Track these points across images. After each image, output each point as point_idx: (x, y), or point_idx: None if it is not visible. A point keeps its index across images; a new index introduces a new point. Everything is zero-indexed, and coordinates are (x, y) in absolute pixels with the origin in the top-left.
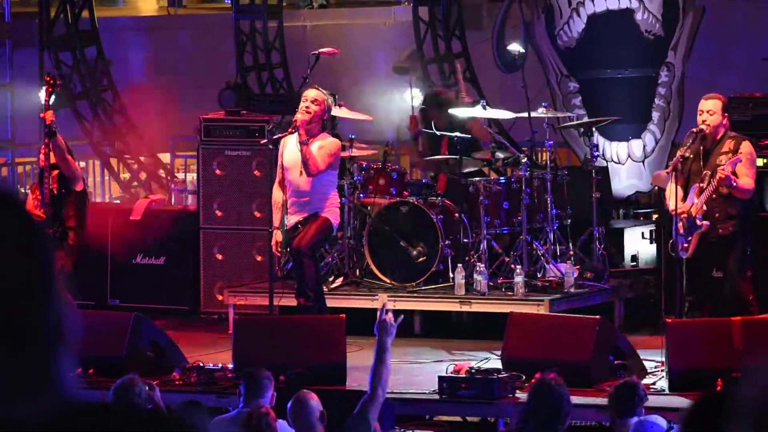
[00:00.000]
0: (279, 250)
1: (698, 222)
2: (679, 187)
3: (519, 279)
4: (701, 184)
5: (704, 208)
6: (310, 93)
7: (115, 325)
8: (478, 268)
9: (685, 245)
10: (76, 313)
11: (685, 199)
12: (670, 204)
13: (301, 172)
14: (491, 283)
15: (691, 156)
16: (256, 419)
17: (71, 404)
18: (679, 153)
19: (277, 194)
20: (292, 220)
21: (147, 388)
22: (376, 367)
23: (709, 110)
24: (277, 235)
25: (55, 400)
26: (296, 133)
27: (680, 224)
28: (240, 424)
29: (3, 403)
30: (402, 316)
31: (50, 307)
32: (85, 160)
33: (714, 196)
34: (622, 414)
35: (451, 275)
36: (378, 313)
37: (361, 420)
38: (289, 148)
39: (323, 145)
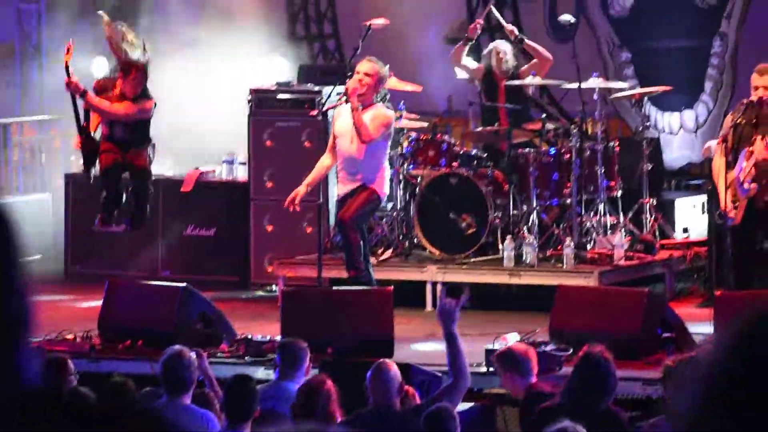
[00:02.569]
0: (294, 206)
1: (746, 185)
2: (727, 158)
3: (568, 251)
4: (750, 148)
5: (753, 171)
6: (364, 65)
7: (165, 296)
8: (527, 240)
9: (732, 213)
10: (36, 302)
11: (734, 165)
12: (718, 177)
13: (352, 140)
14: (540, 255)
15: (743, 122)
16: (313, 389)
17: (27, 392)
18: (729, 119)
19: (325, 159)
20: (341, 190)
21: (195, 356)
22: (452, 356)
23: (766, 86)
24: (300, 189)
25: (11, 388)
26: (348, 102)
27: (729, 191)
28: (297, 395)
29: None
30: (466, 296)
31: (11, 295)
32: None
33: (763, 159)
34: None
35: (500, 247)
36: (438, 300)
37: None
38: (342, 118)
39: (376, 116)
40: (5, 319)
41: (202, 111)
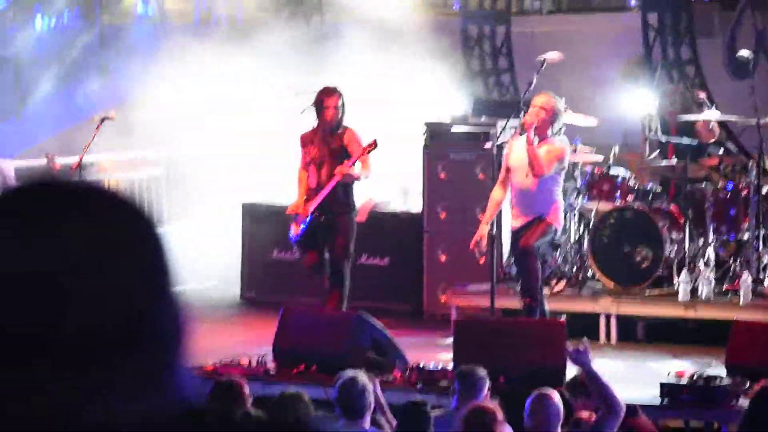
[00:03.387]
0: (480, 249)
1: None
2: None
3: (745, 285)
4: None
5: None
6: (540, 99)
7: (339, 323)
8: (703, 275)
9: None
10: (188, 315)
11: None
12: None
13: (527, 174)
14: (716, 290)
15: None
16: (478, 416)
17: (181, 408)
18: None
19: (496, 192)
20: (515, 223)
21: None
22: (598, 391)
23: None
24: (483, 230)
25: (165, 404)
26: (523, 135)
27: None
28: (462, 421)
29: (111, 405)
30: (586, 340)
31: (164, 309)
32: None
33: None
34: None
35: (675, 281)
36: (567, 352)
37: None
38: (516, 151)
39: (551, 149)
40: (153, 329)
41: (379, 143)
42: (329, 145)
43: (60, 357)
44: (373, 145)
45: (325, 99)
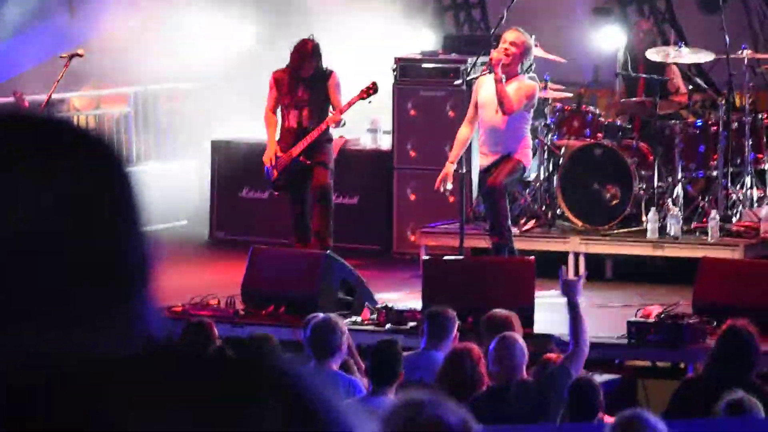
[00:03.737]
0: (446, 188)
1: None
2: None
3: (713, 223)
4: None
5: None
6: (510, 35)
7: (308, 264)
8: (671, 212)
9: None
10: (157, 255)
11: None
12: None
13: (496, 111)
14: (685, 228)
15: None
16: (461, 355)
17: (151, 345)
18: None
19: (463, 130)
20: (484, 161)
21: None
22: (573, 325)
23: None
24: (448, 168)
25: (135, 341)
26: (492, 73)
27: None
28: (444, 362)
29: (80, 341)
30: (583, 273)
31: (134, 248)
32: None
33: None
34: None
35: (644, 219)
36: (559, 276)
37: (566, 373)
38: (486, 87)
39: (520, 87)
40: (123, 268)
41: (346, 77)
42: (312, 88)
43: (25, 292)
44: (373, 88)
45: (303, 57)
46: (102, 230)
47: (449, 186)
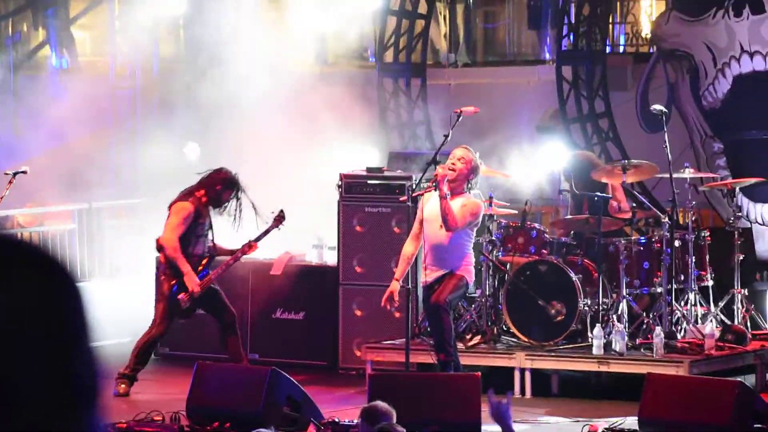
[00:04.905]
0: (392, 305)
1: None
2: None
3: (658, 340)
4: None
5: None
6: (458, 151)
7: (252, 379)
8: (616, 328)
9: None
10: (103, 371)
11: None
12: None
13: (440, 227)
14: (630, 344)
15: None
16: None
17: None
18: None
19: (408, 247)
20: (428, 277)
21: None
22: None
23: None
24: (394, 286)
25: None
26: (437, 189)
27: None
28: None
29: None
30: (510, 394)
31: (81, 364)
32: None
33: None
34: None
35: (589, 335)
36: (488, 401)
37: None
38: (431, 203)
39: (466, 204)
40: (70, 384)
41: (293, 196)
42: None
43: None
44: (281, 219)
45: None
46: (50, 346)
47: (395, 304)
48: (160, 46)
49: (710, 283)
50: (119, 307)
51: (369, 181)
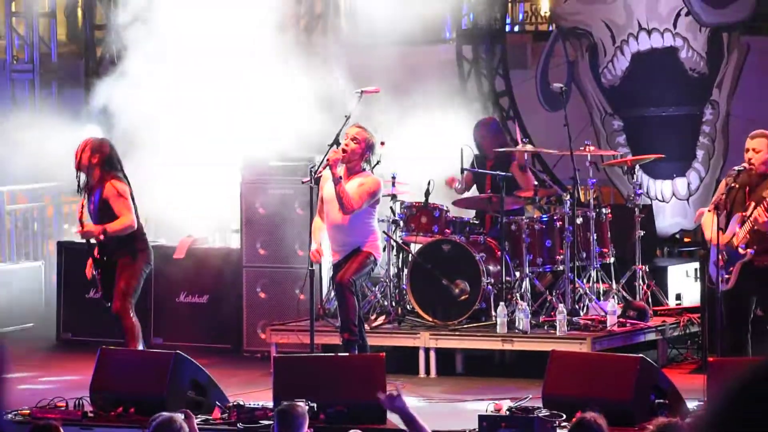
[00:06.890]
0: (318, 261)
1: (741, 251)
2: (721, 218)
3: (561, 317)
4: (744, 213)
5: (747, 237)
6: (351, 130)
7: (156, 363)
8: (520, 307)
9: (726, 276)
10: (5, 355)
11: (725, 230)
12: (707, 234)
13: (339, 209)
14: (533, 322)
15: (737, 186)
16: None
17: None
18: (723, 184)
19: (317, 221)
20: (333, 258)
21: (183, 416)
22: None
23: (755, 148)
24: (315, 246)
25: None
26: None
27: (721, 256)
28: None
29: None
30: (400, 384)
31: None
32: None
33: (756, 227)
34: None
35: (493, 313)
36: (381, 400)
37: None
38: (329, 184)
39: (363, 183)
40: None
41: (196, 179)
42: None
43: None
44: None
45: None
46: None
47: (319, 260)
48: (58, 28)
49: (612, 260)
50: (21, 293)
51: (271, 163)
